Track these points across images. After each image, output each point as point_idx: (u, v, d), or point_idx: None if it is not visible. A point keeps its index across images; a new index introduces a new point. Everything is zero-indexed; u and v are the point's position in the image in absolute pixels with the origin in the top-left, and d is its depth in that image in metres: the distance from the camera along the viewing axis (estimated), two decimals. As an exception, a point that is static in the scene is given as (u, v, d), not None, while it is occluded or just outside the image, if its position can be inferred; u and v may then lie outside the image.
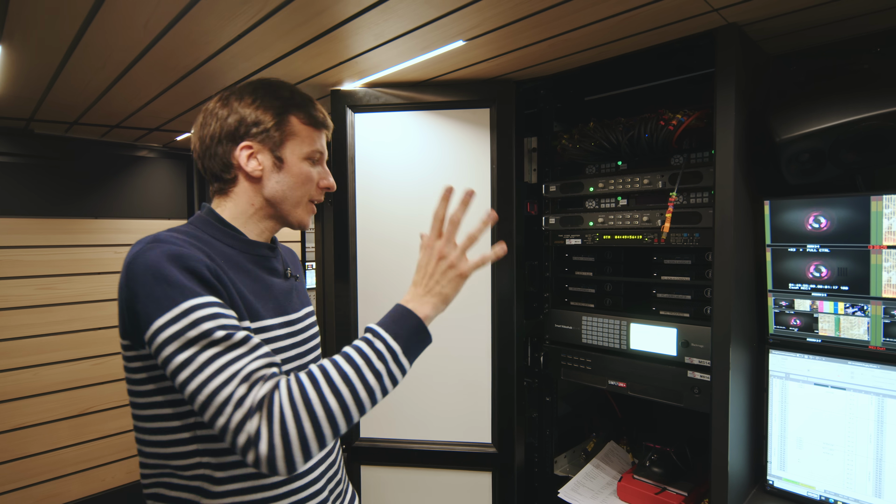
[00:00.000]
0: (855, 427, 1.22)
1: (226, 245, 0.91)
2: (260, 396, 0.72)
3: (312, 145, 0.95)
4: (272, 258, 0.99)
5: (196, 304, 0.75)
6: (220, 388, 0.72)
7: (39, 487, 2.31)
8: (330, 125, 1.00)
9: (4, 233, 2.23)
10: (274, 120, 0.91)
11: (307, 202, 0.97)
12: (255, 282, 0.92)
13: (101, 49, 1.31)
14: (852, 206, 1.17)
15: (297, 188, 0.94)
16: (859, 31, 1.25)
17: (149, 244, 0.79)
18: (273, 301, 0.94)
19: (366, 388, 0.77)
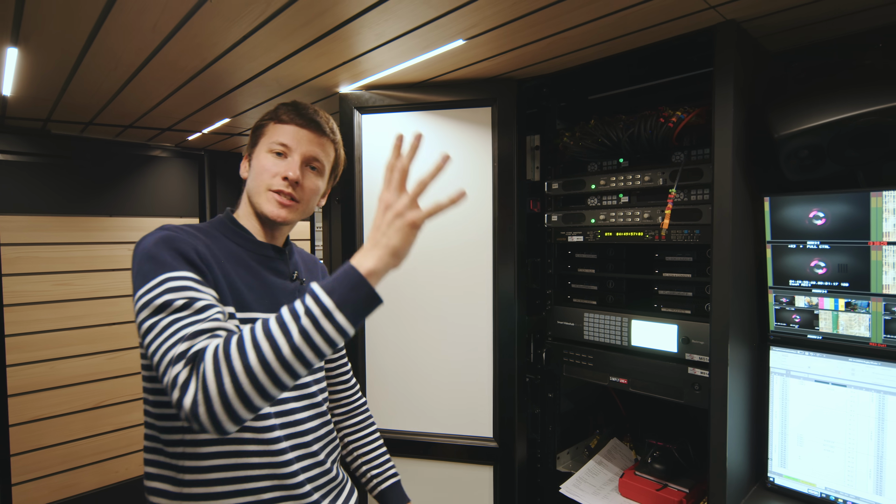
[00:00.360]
0: (856, 424, 1.22)
1: (234, 243, 0.98)
2: (194, 350, 0.74)
3: (277, 137, 1.00)
4: (277, 260, 1.04)
5: (169, 277, 0.81)
6: (169, 348, 0.75)
7: (55, 478, 2.38)
8: (308, 120, 1.01)
9: (23, 230, 2.30)
10: (258, 126, 1.04)
11: (266, 191, 0.99)
12: (254, 277, 0.97)
13: (112, 51, 1.35)
14: (852, 202, 1.16)
15: (255, 178, 1.01)
16: (860, 26, 1.24)
17: (152, 232, 0.88)
18: (269, 298, 0.98)
19: (290, 346, 0.72)
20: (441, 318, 1.69)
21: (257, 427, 0.93)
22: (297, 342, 0.72)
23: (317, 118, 1.03)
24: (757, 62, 1.31)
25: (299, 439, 0.99)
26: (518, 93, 1.60)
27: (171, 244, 0.85)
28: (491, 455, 1.65)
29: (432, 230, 1.68)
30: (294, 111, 1.02)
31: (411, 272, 1.71)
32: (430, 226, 1.73)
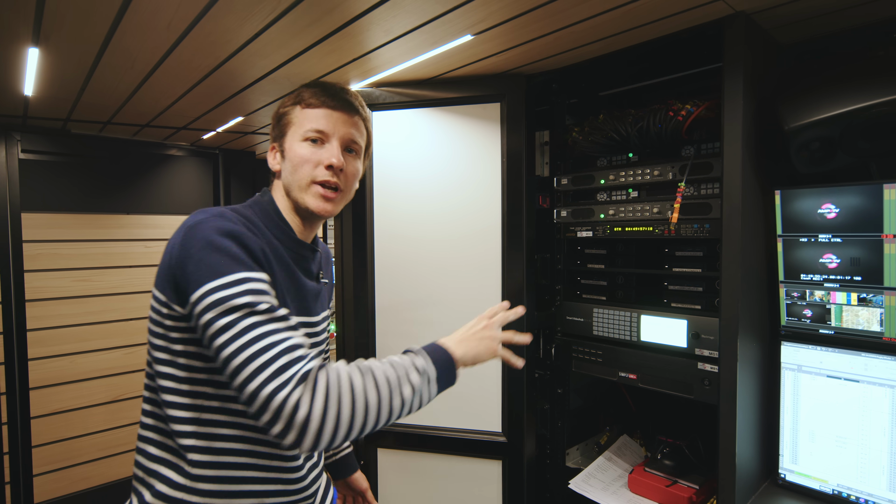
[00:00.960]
0: (869, 420, 1.20)
1: (275, 237, 0.94)
2: (305, 370, 0.73)
3: (310, 124, 0.95)
4: (310, 260, 1.01)
5: (247, 277, 0.78)
6: (258, 354, 0.72)
7: (76, 469, 2.44)
8: (340, 99, 0.97)
9: (44, 227, 2.36)
10: (283, 112, 0.99)
11: (309, 184, 0.94)
12: (290, 279, 0.94)
13: (128, 50, 1.38)
14: (865, 194, 1.15)
15: (295, 171, 0.95)
16: (872, 17, 1.22)
17: (213, 216, 0.83)
18: (300, 301, 0.96)
19: (400, 396, 0.80)
20: (450, 313, 1.70)
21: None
22: (406, 395, 0.81)
23: (348, 97, 0.98)
24: (767, 54, 1.30)
25: None
26: (527, 88, 1.60)
27: (241, 239, 0.82)
28: (500, 450, 1.66)
29: (442, 224, 1.70)
30: (323, 92, 0.96)
31: (420, 268, 1.72)
32: (439, 220, 1.76)
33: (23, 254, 2.30)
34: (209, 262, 0.77)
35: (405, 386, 0.81)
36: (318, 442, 0.72)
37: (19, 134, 2.28)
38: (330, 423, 0.72)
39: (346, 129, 0.97)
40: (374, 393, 0.77)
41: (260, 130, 2.46)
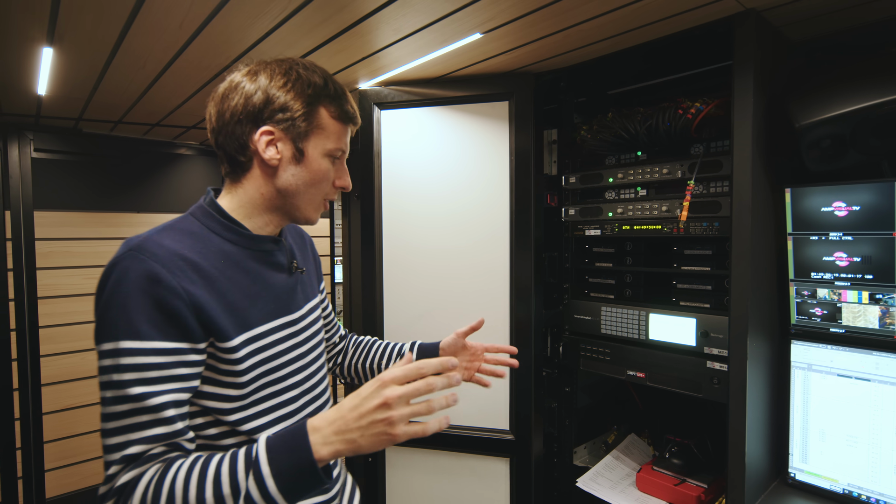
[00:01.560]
0: (880, 419, 1.19)
1: (226, 240, 0.85)
2: (121, 483, 0.69)
3: (338, 142, 0.90)
4: (276, 252, 0.92)
5: (131, 349, 0.71)
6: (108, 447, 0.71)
7: (86, 465, 2.47)
8: (358, 121, 0.95)
9: (56, 225, 2.39)
10: (303, 109, 0.84)
11: (321, 200, 0.92)
12: (254, 282, 0.87)
13: (141, 50, 1.40)
14: (876, 192, 1.14)
15: (312, 185, 0.89)
16: (884, 14, 1.21)
17: (131, 251, 0.75)
18: (273, 302, 0.89)
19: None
20: (458, 312, 1.71)
21: None
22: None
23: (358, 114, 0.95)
24: (777, 52, 1.29)
25: None
26: (535, 87, 1.61)
27: (153, 291, 0.73)
28: (507, 448, 1.66)
29: (450, 223, 1.70)
30: (347, 103, 0.90)
31: (429, 265, 1.73)
32: (446, 221, 1.76)
33: (35, 251, 2.32)
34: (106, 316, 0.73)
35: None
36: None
37: (32, 133, 2.30)
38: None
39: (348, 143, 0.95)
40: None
41: (268, 129, 2.48)
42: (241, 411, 0.83)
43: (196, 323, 0.76)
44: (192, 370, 0.76)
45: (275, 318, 0.89)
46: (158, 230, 0.81)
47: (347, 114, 0.90)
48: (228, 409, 0.82)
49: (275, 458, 0.69)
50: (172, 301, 0.73)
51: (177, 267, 0.76)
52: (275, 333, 0.88)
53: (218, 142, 0.87)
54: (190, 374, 0.76)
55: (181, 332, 0.75)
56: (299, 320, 0.95)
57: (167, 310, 0.73)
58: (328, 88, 0.87)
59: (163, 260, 0.75)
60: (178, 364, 0.74)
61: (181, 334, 0.75)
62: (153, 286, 0.73)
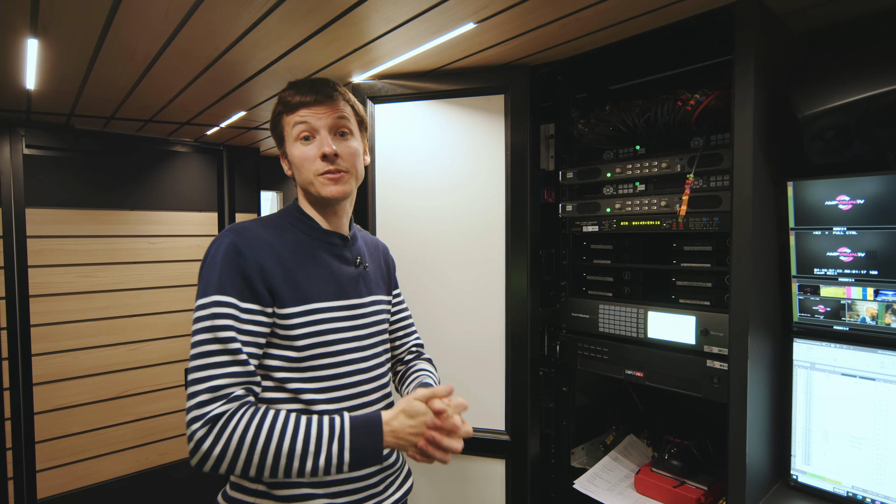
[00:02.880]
0: (885, 419, 1.15)
1: (301, 231, 1.05)
2: (214, 414, 0.85)
3: (293, 125, 1.03)
4: (343, 247, 1.10)
5: (218, 301, 0.90)
6: (194, 380, 0.87)
7: (77, 466, 2.44)
8: (311, 97, 1.02)
9: (49, 223, 2.36)
10: (275, 123, 1.07)
11: (315, 177, 1.03)
12: (321, 267, 1.04)
13: (127, 41, 1.37)
14: (882, 185, 1.10)
15: (300, 171, 1.04)
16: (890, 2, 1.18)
17: (228, 231, 0.97)
18: (335, 286, 1.05)
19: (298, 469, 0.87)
20: (452, 310, 1.68)
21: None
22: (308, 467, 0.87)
23: (320, 87, 1.03)
24: (780, 41, 1.26)
25: None
26: (532, 80, 1.57)
27: (236, 260, 0.93)
28: (503, 448, 1.63)
29: (445, 218, 1.67)
30: (297, 92, 1.02)
31: (422, 265, 1.69)
32: (442, 214, 1.73)
33: (27, 249, 2.30)
34: (204, 278, 0.93)
35: (308, 461, 0.87)
36: (213, 471, 0.86)
37: (23, 129, 2.28)
38: (219, 466, 0.85)
39: (329, 116, 1.03)
40: (271, 459, 0.85)
41: (263, 126, 2.45)
42: (298, 380, 0.98)
43: (264, 289, 0.94)
44: (261, 328, 0.94)
45: (335, 299, 1.04)
46: (254, 220, 1.04)
47: (291, 103, 1.02)
48: (287, 375, 0.97)
49: (355, 437, 0.90)
50: (248, 269, 0.93)
51: (256, 244, 0.96)
52: (333, 312, 1.03)
53: None
54: (260, 331, 0.94)
55: (255, 295, 0.93)
56: (359, 307, 1.09)
57: (245, 276, 0.93)
58: (284, 93, 1.04)
59: (247, 239, 0.96)
60: (252, 322, 0.93)
61: (254, 297, 0.93)
62: (237, 257, 0.93)
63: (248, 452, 0.85)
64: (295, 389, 0.98)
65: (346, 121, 1.05)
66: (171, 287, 2.73)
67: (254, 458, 0.85)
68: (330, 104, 1.03)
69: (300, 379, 0.98)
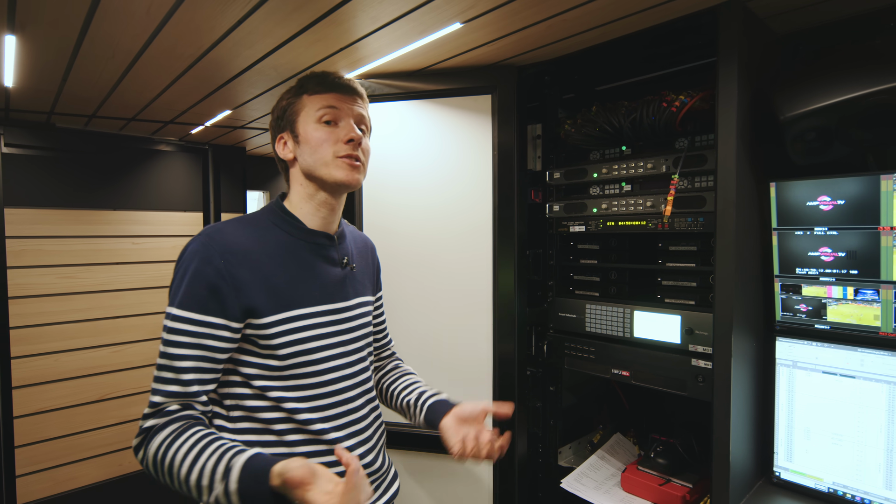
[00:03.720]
0: (865, 417, 1.18)
1: (284, 231, 1.01)
2: (146, 426, 0.88)
3: (321, 106, 1.00)
4: (329, 247, 1.05)
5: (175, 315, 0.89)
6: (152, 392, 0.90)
7: (59, 470, 2.39)
8: (349, 87, 1.03)
9: (29, 223, 2.31)
10: (286, 101, 1.03)
11: (333, 158, 0.99)
12: (304, 269, 1.00)
13: (108, 38, 1.34)
14: (861, 186, 1.12)
15: (315, 152, 1.00)
16: (871, 5, 1.20)
17: (201, 235, 0.93)
18: (319, 289, 1.01)
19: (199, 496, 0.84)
20: (440, 310, 1.67)
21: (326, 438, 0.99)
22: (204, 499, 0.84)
23: (349, 83, 1.04)
24: (763, 44, 1.27)
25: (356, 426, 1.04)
26: (519, 80, 1.57)
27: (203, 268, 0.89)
28: (491, 448, 1.63)
29: (432, 218, 1.66)
30: (326, 81, 1.02)
31: (408, 265, 1.69)
32: (429, 213, 1.72)
33: (6, 250, 2.25)
34: (173, 284, 0.92)
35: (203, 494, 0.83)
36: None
37: (2, 128, 2.23)
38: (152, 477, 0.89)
39: (355, 108, 1.03)
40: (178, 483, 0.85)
41: (249, 125, 2.42)
42: (279, 389, 0.94)
43: (236, 302, 0.90)
44: (220, 344, 0.90)
45: (319, 303, 1.00)
46: (230, 220, 0.99)
47: (325, 83, 1.01)
48: (268, 383, 0.94)
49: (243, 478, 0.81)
50: (215, 279, 0.89)
51: (229, 250, 0.92)
52: (317, 317, 0.99)
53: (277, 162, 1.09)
54: (218, 346, 0.90)
55: (220, 308, 0.89)
56: (344, 310, 1.05)
57: (212, 287, 0.89)
58: (308, 79, 1.02)
59: (219, 244, 0.91)
60: (209, 336, 0.89)
61: (219, 310, 0.89)
62: (205, 265, 0.89)
63: (163, 471, 0.85)
64: (277, 398, 0.94)
65: (367, 120, 1.06)
66: (156, 288, 2.69)
67: (167, 479, 0.86)
68: (357, 99, 1.04)
69: (282, 388, 0.95)
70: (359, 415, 1.05)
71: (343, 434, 1.01)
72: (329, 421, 0.99)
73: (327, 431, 0.98)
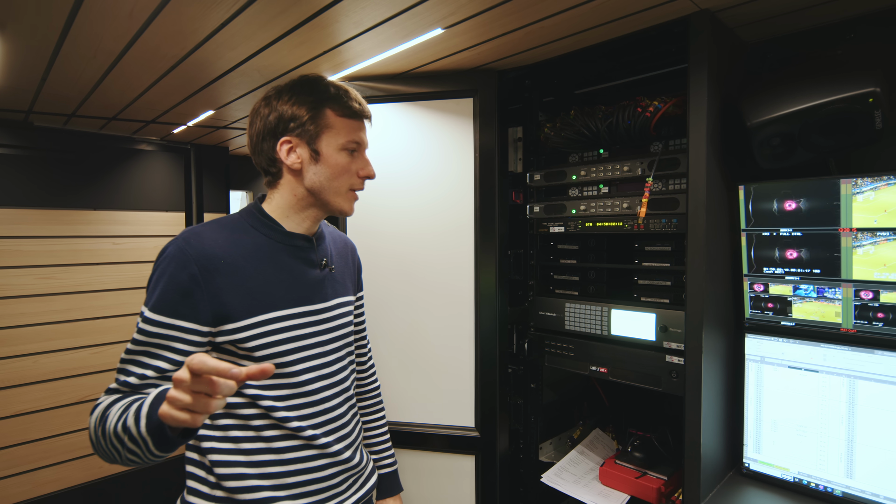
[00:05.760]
0: (827, 409, 1.23)
1: (262, 234, 1.01)
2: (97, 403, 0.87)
3: (348, 136, 1.02)
4: (307, 249, 1.06)
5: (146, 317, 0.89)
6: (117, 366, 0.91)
7: (39, 473, 2.36)
8: (368, 114, 1.06)
9: (5, 223, 2.28)
10: (309, 114, 1.00)
11: (347, 191, 1.04)
12: (282, 272, 1.00)
13: (90, 38, 1.34)
14: (822, 189, 1.18)
15: (334, 178, 1.02)
16: (833, 17, 1.26)
17: (179, 238, 0.93)
18: (297, 291, 1.02)
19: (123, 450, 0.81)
20: (422, 310, 1.70)
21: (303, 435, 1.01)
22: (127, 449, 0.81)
23: (367, 108, 1.06)
24: (732, 52, 1.33)
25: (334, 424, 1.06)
26: (499, 84, 1.61)
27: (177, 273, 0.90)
28: (473, 445, 1.66)
29: (415, 219, 1.69)
30: (354, 100, 1.03)
31: (392, 265, 1.71)
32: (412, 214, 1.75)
33: (-18, 250, 2.22)
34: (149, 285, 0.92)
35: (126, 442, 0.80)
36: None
37: (-22, 126, 2.20)
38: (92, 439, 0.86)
39: (367, 137, 1.07)
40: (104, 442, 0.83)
41: (232, 125, 2.42)
42: (255, 387, 0.95)
43: (208, 308, 0.91)
44: (187, 347, 0.90)
45: (298, 305, 1.01)
46: (209, 223, 0.99)
47: (352, 109, 1.01)
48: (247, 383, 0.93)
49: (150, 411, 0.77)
50: (192, 286, 0.90)
51: (205, 258, 0.92)
52: (295, 319, 1.00)
53: (255, 160, 1.06)
54: (183, 350, 0.90)
55: (191, 313, 0.90)
56: (323, 311, 1.06)
57: (184, 291, 0.89)
58: (329, 91, 1.01)
59: (196, 248, 0.92)
60: (177, 339, 0.89)
61: (191, 315, 0.90)
62: (179, 269, 0.90)
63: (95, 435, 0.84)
64: (253, 395, 0.96)
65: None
66: (137, 289, 2.67)
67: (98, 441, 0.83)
68: (368, 124, 1.08)
69: (258, 386, 0.96)
70: (337, 413, 1.07)
71: (321, 431, 1.03)
72: (307, 419, 1.01)
73: (305, 429, 1.01)
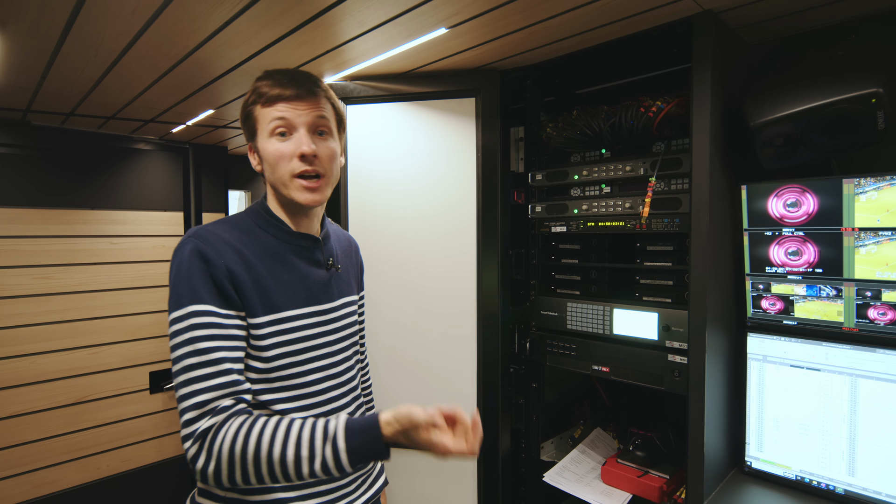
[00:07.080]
0: (829, 407, 1.24)
1: (270, 234, 1.00)
2: (202, 429, 0.82)
3: (270, 119, 0.95)
4: (314, 249, 1.05)
5: (195, 311, 0.86)
6: (180, 398, 0.85)
7: (36, 474, 2.34)
8: (292, 92, 0.95)
9: (2, 223, 2.26)
10: (244, 115, 1.01)
11: (290, 179, 0.96)
12: (290, 272, 1.00)
13: (91, 37, 1.33)
14: (825, 189, 1.19)
15: (274, 169, 0.97)
16: (836, 18, 1.27)
17: (190, 237, 0.92)
18: (305, 291, 1.01)
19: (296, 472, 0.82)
20: (425, 309, 1.70)
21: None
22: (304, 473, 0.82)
23: (301, 81, 0.96)
24: (735, 52, 1.33)
25: None
26: (502, 84, 1.61)
27: (204, 266, 0.89)
28: (475, 444, 1.66)
29: (417, 219, 1.69)
30: (275, 84, 0.95)
31: (394, 265, 1.71)
32: (414, 214, 1.75)
33: (-21, 250, 2.20)
34: (176, 290, 0.88)
35: (303, 466, 0.82)
36: (215, 484, 0.84)
37: (-25, 125, 2.18)
38: (218, 480, 0.83)
39: (309, 114, 0.96)
40: (265, 468, 0.82)
41: (232, 124, 2.41)
42: (267, 391, 0.94)
43: (236, 295, 0.91)
44: (242, 332, 0.91)
45: (305, 305, 1.00)
46: (217, 222, 0.98)
47: (269, 95, 0.95)
48: (255, 385, 0.93)
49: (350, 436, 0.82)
50: (218, 276, 0.89)
51: (222, 249, 0.91)
52: (302, 319, 0.99)
53: None
54: (241, 335, 0.91)
55: (228, 301, 0.90)
56: (330, 311, 1.06)
57: (217, 283, 0.89)
58: (262, 83, 0.97)
59: (212, 244, 0.91)
60: (231, 326, 0.89)
61: (229, 303, 0.90)
62: (205, 264, 0.89)
63: (241, 464, 0.81)
64: (265, 401, 0.94)
65: (326, 120, 0.99)
66: (135, 289, 2.65)
67: (248, 469, 0.81)
68: (311, 100, 0.97)
69: (268, 389, 0.95)
70: (346, 412, 1.07)
71: None
72: None
73: None
